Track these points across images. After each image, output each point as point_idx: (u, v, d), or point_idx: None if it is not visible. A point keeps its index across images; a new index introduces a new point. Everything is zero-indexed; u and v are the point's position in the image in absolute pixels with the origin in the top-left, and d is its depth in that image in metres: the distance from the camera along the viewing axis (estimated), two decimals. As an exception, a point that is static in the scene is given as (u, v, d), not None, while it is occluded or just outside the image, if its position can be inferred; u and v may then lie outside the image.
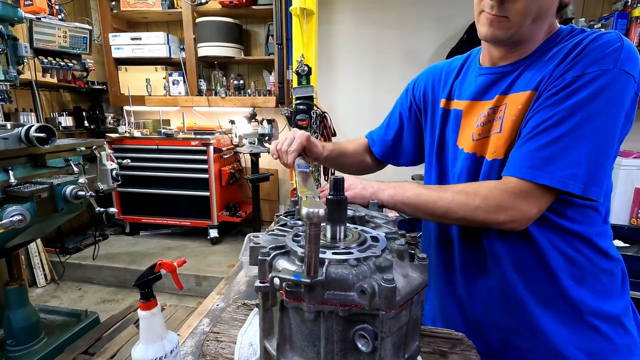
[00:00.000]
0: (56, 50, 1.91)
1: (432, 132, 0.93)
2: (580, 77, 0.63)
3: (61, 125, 3.33)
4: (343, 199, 0.50)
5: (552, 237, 0.74)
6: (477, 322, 0.84)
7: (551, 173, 0.64)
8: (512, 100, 0.73)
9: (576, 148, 0.63)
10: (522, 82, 0.73)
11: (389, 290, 0.41)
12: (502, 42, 0.73)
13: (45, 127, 1.53)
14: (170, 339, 0.65)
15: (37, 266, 2.93)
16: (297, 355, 0.48)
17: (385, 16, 3.28)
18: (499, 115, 0.75)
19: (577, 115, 0.63)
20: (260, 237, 0.55)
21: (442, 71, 0.94)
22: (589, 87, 0.62)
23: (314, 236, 0.40)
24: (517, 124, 0.71)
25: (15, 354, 1.77)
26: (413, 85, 1.01)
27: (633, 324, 0.80)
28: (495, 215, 0.67)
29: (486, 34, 0.72)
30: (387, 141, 1.07)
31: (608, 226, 0.79)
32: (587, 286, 0.75)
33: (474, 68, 0.85)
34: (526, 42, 0.73)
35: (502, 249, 0.77)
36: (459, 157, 0.83)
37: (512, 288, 0.77)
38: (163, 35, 3.46)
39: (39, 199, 1.45)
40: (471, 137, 0.80)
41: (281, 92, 3.31)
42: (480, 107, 0.80)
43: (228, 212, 3.49)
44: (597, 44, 0.64)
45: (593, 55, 0.64)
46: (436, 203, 0.72)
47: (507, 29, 0.69)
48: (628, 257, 2.01)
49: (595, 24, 2.72)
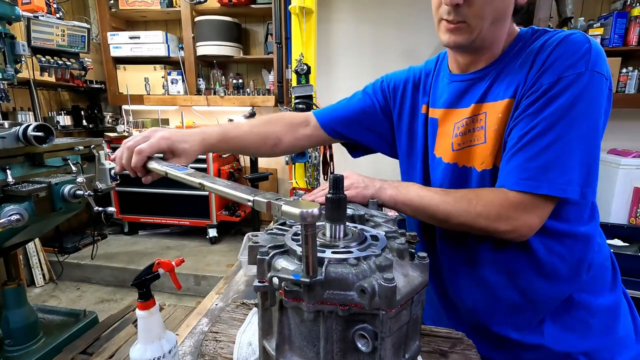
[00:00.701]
0: (54, 49, 1.89)
1: (411, 139, 0.91)
2: (557, 83, 0.64)
3: (59, 125, 3.32)
4: (342, 198, 0.50)
5: (541, 235, 0.73)
6: (472, 322, 0.83)
7: (549, 182, 0.64)
8: (491, 110, 0.73)
9: (567, 154, 0.64)
10: (498, 90, 0.73)
11: (389, 290, 0.40)
12: (465, 48, 0.73)
13: (43, 126, 1.52)
14: (169, 339, 0.65)
15: (35, 266, 2.92)
16: (297, 355, 0.47)
17: (385, 15, 3.27)
18: (479, 125, 0.74)
19: (561, 122, 0.64)
20: (259, 236, 0.54)
21: (421, 75, 0.92)
22: (567, 91, 0.63)
23: (311, 236, 0.40)
24: (500, 133, 0.71)
25: (13, 354, 1.77)
26: (389, 81, 0.96)
27: (627, 316, 0.80)
28: (496, 224, 0.67)
29: (448, 41, 0.72)
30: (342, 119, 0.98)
31: (596, 221, 0.79)
32: (578, 282, 0.75)
33: (444, 74, 0.85)
34: (489, 46, 0.73)
35: (490, 248, 0.77)
36: (438, 167, 0.82)
37: (500, 287, 0.77)
38: (162, 34, 3.45)
39: (37, 198, 1.44)
40: (450, 147, 0.79)
41: (280, 91, 3.30)
42: (455, 115, 0.79)
43: (227, 212, 3.48)
44: (565, 47, 0.65)
45: (564, 60, 0.64)
46: (438, 207, 0.71)
47: (468, 34, 0.69)
48: (627, 256, 2.01)
49: (595, 23, 2.72)
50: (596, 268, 0.77)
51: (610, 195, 2.54)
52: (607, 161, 2.57)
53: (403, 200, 0.74)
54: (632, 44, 2.59)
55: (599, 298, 0.76)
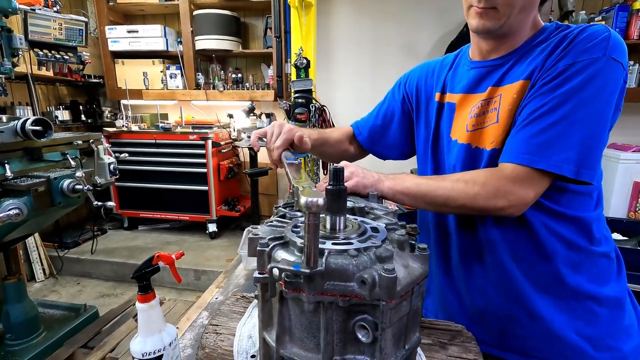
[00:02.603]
0: (51, 43, 1.88)
1: (427, 126, 0.94)
2: (572, 66, 0.66)
3: (58, 119, 3.31)
4: (343, 189, 0.50)
5: (548, 222, 0.75)
6: (476, 312, 0.84)
7: (547, 158, 0.66)
8: (506, 91, 0.75)
9: (569, 133, 0.65)
10: (514, 74, 0.75)
11: (389, 280, 0.40)
12: (493, 33, 0.75)
13: (42, 120, 1.51)
14: (169, 332, 0.65)
15: (35, 261, 2.93)
16: (297, 346, 0.47)
17: (385, 9, 3.25)
18: (493, 106, 0.76)
19: (570, 102, 0.65)
20: (259, 228, 0.54)
21: (435, 67, 0.96)
22: (580, 74, 0.65)
23: (313, 226, 0.39)
24: (513, 113, 0.73)
25: (14, 348, 1.78)
26: (406, 79, 1.03)
27: (630, 307, 0.81)
28: (495, 201, 0.69)
29: (477, 26, 0.74)
30: (375, 131, 1.07)
31: (601, 211, 0.81)
32: (584, 271, 0.76)
33: (465, 62, 0.87)
34: (514, 33, 0.75)
35: (499, 237, 0.78)
36: (453, 149, 0.84)
37: (509, 276, 0.78)
38: (160, 28, 3.42)
39: (36, 193, 1.44)
40: (465, 128, 0.81)
41: (280, 86, 3.29)
42: (472, 100, 0.81)
43: (227, 207, 3.48)
44: (585, 35, 0.67)
45: (583, 45, 0.66)
46: (436, 192, 0.72)
47: (497, 20, 0.71)
48: (626, 249, 2.02)
49: (596, 16, 2.71)
50: (601, 258, 0.78)
51: (610, 190, 2.55)
52: (607, 155, 2.57)
53: (401, 189, 0.75)
54: (633, 37, 2.58)
55: (605, 288, 0.77)
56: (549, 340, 0.77)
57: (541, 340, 0.78)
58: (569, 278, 0.75)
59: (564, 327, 0.76)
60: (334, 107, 2.83)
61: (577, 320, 0.76)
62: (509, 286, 0.79)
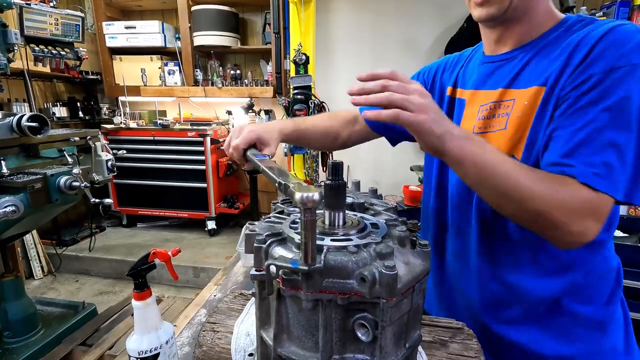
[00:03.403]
0: (48, 38, 1.86)
1: None
2: (610, 73, 0.58)
3: (55, 116, 3.28)
4: (342, 184, 0.48)
5: None
6: (472, 309, 0.83)
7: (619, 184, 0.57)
8: (519, 97, 0.69)
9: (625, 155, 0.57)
10: (528, 76, 0.69)
11: (390, 278, 0.39)
12: (497, 19, 0.71)
13: (38, 117, 1.50)
14: (166, 330, 0.64)
15: (33, 258, 2.91)
16: (295, 345, 0.46)
17: (384, 4, 3.22)
18: (505, 110, 0.71)
19: (620, 118, 0.57)
20: (257, 224, 0.53)
21: (453, 61, 0.93)
22: (623, 83, 0.57)
23: (310, 222, 0.38)
24: (524, 122, 0.67)
25: (12, 346, 1.77)
26: (426, 70, 0.99)
27: (620, 332, 0.76)
28: (572, 220, 0.57)
29: (480, 15, 0.71)
30: None
31: (612, 231, 0.75)
32: (568, 283, 0.72)
33: (478, 57, 0.84)
34: (521, 18, 0.70)
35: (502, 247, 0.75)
36: None
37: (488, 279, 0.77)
38: (158, 24, 3.40)
39: (33, 190, 1.43)
40: (472, 128, 0.77)
41: (279, 82, 3.27)
42: (481, 97, 0.78)
43: (225, 204, 3.47)
44: (616, 37, 0.59)
45: (616, 49, 0.58)
46: (518, 181, 0.57)
47: (499, 4, 0.68)
48: (627, 247, 2.01)
49: (597, 12, 2.69)
50: (595, 277, 0.73)
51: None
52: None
53: (473, 157, 0.58)
54: (634, 33, 2.56)
55: (588, 308, 0.73)
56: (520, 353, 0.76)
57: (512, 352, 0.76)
58: (551, 287, 0.72)
59: (536, 342, 0.74)
60: (334, 103, 2.81)
61: (551, 337, 0.73)
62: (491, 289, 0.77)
